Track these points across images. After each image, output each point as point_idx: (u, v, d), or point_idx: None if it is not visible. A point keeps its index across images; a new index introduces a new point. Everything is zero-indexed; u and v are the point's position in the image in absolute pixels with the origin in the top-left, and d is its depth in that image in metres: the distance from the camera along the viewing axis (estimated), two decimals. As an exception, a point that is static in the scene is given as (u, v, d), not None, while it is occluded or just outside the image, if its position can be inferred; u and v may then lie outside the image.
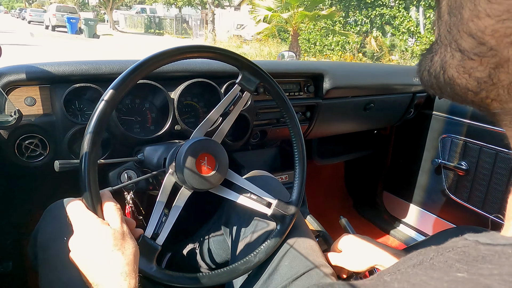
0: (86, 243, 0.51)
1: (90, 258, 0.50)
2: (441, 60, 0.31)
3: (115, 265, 0.49)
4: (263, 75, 0.75)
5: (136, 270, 0.52)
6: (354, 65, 1.44)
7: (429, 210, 1.66)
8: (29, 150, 0.83)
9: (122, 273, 0.49)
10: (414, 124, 1.67)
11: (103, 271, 0.49)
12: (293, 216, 0.75)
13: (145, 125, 0.97)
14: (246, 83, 0.75)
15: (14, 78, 0.79)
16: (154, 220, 0.64)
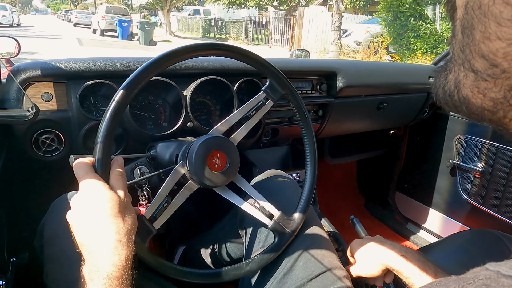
0: (89, 205, 0.51)
1: (89, 221, 0.50)
2: (455, 79, 0.30)
3: (114, 232, 0.49)
4: (289, 87, 0.76)
5: (133, 240, 0.52)
6: (368, 63, 1.42)
7: (442, 211, 1.63)
8: (45, 144, 0.85)
9: (120, 240, 0.49)
10: (428, 124, 1.65)
11: (100, 236, 0.49)
12: (293, 233, 0.73)
13: (158, 121, 0.98)
14: (272, 92, 0.75)
15: (31, 74, 0.81)
16: (156, 203, 0.64)
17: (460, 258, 0.88)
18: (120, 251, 0.49)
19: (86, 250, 0.50)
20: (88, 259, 0.49)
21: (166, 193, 0.65)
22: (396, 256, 0.70)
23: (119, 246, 0.49)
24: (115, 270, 0.48)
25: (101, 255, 0.48)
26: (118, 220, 0.51)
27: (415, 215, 1.78)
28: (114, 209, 0.51)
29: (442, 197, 1.62)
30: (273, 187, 0.86)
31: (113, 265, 0.48)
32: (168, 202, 0.65)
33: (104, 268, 0.47)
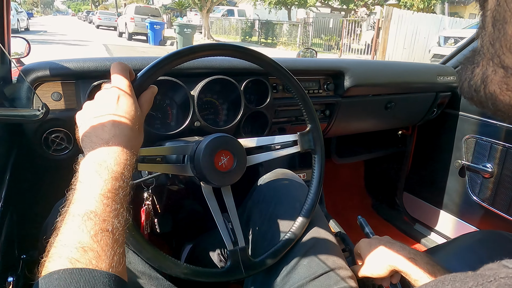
0: (110, 103, 0.54)
1: (107, 117, 0.52)
2: (482, 74, 0.28)
3: (129, 133, 0.51)
4: (320, 143, 0.78)
5: (137, 150, 0.54)
6: (375, 63, 1.41)
7: (451, 212, 1.61)
8: (55, 143, 0.86)
9: (130, 139, 0.51)
10: (437, 124, 1.63)
11: (118, 134, 0.50)
12: (243, 275, 0.68)
13: (166, 121, 0.99)
14: (304, 141, 0.78)
15: (41, 74, 0.82)
16: (151, 152, 0.64)
17: (468, 260, 0.87)
18: (129, 154, 0.50)
19: (95, 143, 0.50)
20: (95, 152, 0.49)
21: (163, 154, 0.66)
22: (404, 258, 0.70)
23: (128, 147, 0.50)
24: (123, 171, 0.48)
25: (111, 153, 0.48)
26: (134, 124, 0.53)
27: (423, 215, 1.76)
28: (132, 115, 0.53)
29: (451, 198, 1.60)
30: (280, 188, 0.85)
31: (123, 166, 0.48)
32: (161, 160, 0.65)
33: (114, 167, 0.47)
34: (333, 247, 0.76)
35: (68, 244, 0.40)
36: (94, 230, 0.42)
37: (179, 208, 1.36)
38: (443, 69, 1.49)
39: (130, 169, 0.49)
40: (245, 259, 0.68)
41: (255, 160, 0.74)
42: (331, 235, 0.78)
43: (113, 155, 0.48)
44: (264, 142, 0.76)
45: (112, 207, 0.44)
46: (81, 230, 0.41)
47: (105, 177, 0.46)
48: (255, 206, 0.84)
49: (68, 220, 0.43)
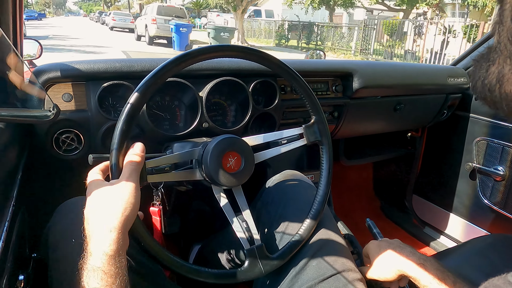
0: (87, 201, 0.55)
1: (87, 215, 0.53)
2: (498, 72, 0.27)
3: (102, 221, 0.52)
4: (327, 135, 0.77)
5: (124, 227, 0.53)
6: (384, 64, 1.40)
7: (461, 215, 1.59)
8: (65, 144, 0.87)
9: (105, 227, 0.51)
10: (447, 126, 1.61)
11: (91, 227, 0.52)
12: (262, 272, 0.68)
13: (174, 122, 0.99)
14: (309, 133, 0.77)
15: (52, 75, 0.83)
16: (160, 162, 0.65)
17: (479, 264, 0.86)
18: (103, 239, 0.51)
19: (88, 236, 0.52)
20: (90, 241, 0.51)
21: (172, 162, 0.66)
22: (414, 263, 0.69)
23: (102, 234, 0.51)
24: (97, 261, 0.49)
25: (87, 247, 0.51)
26: (107, 208, 0.53)
27: (432, 218, 1.74)
28: (105, 199, 0.54)
29: (461, 201, 1.58)
30: (289, 190, 0.85)
31: (96, 256, 0.50)
32: (169, 168, 0.65)
33: (89, 261, 0.50)
34: (342, 249, 0.75)
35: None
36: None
37: (187, 209, 1.37)
38: (453, 71, 1.47)
39: (107, 258, 0.50)
40: (263, 257, 0.69)
41: (263, 157, 0.74)
42: (340, 237, 0.78)
43: (88, 248, 0.51)
44: (271, 138, 0.76)
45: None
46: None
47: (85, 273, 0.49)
48: (264, 207, 0.84)
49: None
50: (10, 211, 0.61)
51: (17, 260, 0.66)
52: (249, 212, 0.72)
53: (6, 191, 0.63)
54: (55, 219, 0.72)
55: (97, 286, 0.48)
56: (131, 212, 0.54)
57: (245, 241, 0.69)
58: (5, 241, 0.55)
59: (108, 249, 0.50)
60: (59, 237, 0.67)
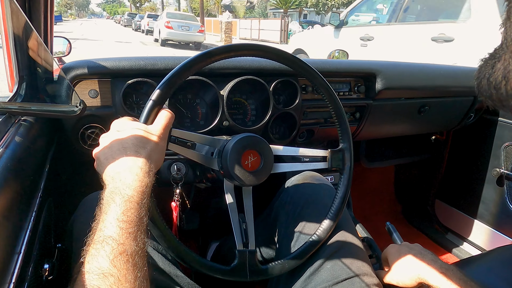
0: (114, 137, 0.55)
1: (113, 151, 0.54)
2: (504, 69, 0.26)
3: (138, 160, 0.52)
4: (350, 163, 0.76)
5: (154, 171, 0.54)
6: (410, 65, 1.37)
7: (487, 223, 1.53)
8: (90, 138, 0.90)
9: (141, 168, 0.52)
10: (474, 129, 1.56)
11: (123, 163, 0.52)
12: (247, 278, 0.67)
13: (195, 119, 1.01)
14: (333, 159, 0.76)
15: (80, 72, 0.86)
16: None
17: (506, 274, 0.82)
18: (141, 178, 0.51)
19: (109, 175, 0.52)
20: (110, 183, 0.51)
21: (195, 140, 0.67)
22: (436, 271, 0.67)
23: (140, 173, 0.51)
24: (135, 194, 0.49)
25: (122, 179, 0.50)
26: (141, 150, 0.53)
27: (456, 225, 1.69)
28: (138, 140, 0.54)
29: (487, 208, 1.52)
30: (309, 190, 0.85)
31: (134, 190, 0.50)
32: (191, 146, 0.66)
33: (125, 191, 0.49)
34: (359, 252, 0.74)
35: (89, 271, 0.42)
36: (113, 254, 0.43)
37: (205, 207, 1.38)
38: (482, 73, 1.42)
39: (142, 192, 0.50)
40: (252, 263, 0.68)
41: (280, 169, 0.73)
42: (357, 240, 0.77)
43: (124, 181, 0.50)
44: (294, 152, 0.75)
45: (128, 231, 0.46)
46: (101, 256, 0.43)
47: (118, 201, 0.48)
48: (282, 207, 0.84)
49: (89, 248, 0.46)
50: (38, 202, 0.64)
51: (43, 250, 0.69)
52: (252, 216, 0.72)
53: (34, 182, 0.65)
54: (79, 211, 0.74)
55: (131, 215, 0.48)
56: (161, 161, 0.57)
57: (239, 241, 0.69)
58: (32, 230, 0.57)
59: (145, 188, 0.51)
60: (83, 229, 0.69)
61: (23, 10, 0.78)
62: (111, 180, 0.51)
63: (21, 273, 0.50)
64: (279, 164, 0.73)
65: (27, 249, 0.53)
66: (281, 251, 0.79)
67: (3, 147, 0.57)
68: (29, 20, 0.78)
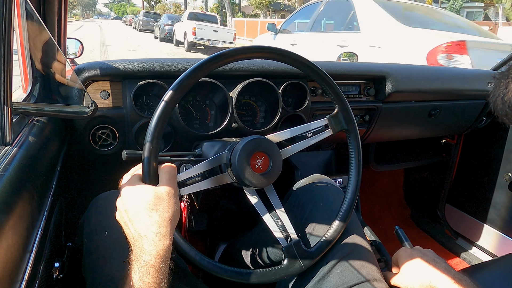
0: (126, 201, 0.55)
1: (129, 215, 0.54)
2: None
3: (151, 224, 0.52)
4: (353, 123, 0.76)
5: (171, 232, 0.54)
6: (420, 68, 1.36)
7: (498, 228, 1.51)
8: (101, 139, 0.91)
9: (156, 233, 0.52)
10: (486, 133, 1.53)
11: (139, 228, 0.52)
12: (302, 267, 0.69)
13: (205, 121, 1.01)
14: (335, 123, 0.76)
15: (92, 73, 0.87)
16: (190, 173, 0.66)
17: (517, 280, 0.81)
18: (157, 242, 0.52)
19: (131, 241, 0.54)
20: (133, 248, 0.53)
21: (201, 171, 0.67)
22: (449, 281, 0.65)
23: (156, 238, 0.52)
24: (151, 259, 0.51)
25: (140, 247, 0.52)
26: (154, 213, 0.53)
27: (466, 230, 1.66)
28: (149, 203, 0.54)
29: (498, 213, 1.50)
30: (316, 193, 0.84)
31: (150, 255, 0.51)
32: (200, 178, 0.67)
33: (142, 258, 0.51)
34: (368, 256, 0.73)
35: None
36: None
37: (214, 208, 1.39)
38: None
39: (159, 256, 0.51)
40: (301, 252, 0.70)
41: (291, 151, 0.74)
42: (367, 244, 0.76)
43: (141, 247, 0.52)
44: (296, 132, 0.75)
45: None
46: None
47: (136, 268, 0.51)
48: (290, 210, 0.84)
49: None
50: (49, 201, 0.65)
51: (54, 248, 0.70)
52: (283, 209, 0.72)
53: (46, 181, 0.66)
54: (90, 211, 0.75)
55: (149, 281, 0.50)
56: (177, 218, 0.57)
57: (282, 239, 0.70)
58: (43, 229, 0.58)
59: (162, 252, 0.52)
60: (93, 229, 0.70)
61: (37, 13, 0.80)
62: (133, 246, 0.53)
63: (33, 272, 0.51)
64: (288, 148, 0.73)
65: (38, 247, 0.54)
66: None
67: (17, 146, 0.58)
68: (43, 22, 0.79)
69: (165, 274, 0.52)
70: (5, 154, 0.54)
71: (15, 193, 0.49)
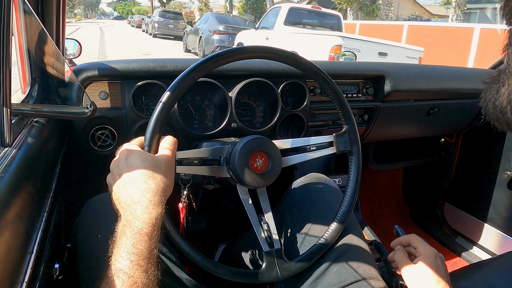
0: (123, 166, 0.55)
1: (123, 180, 0.54)
2: (508, 93, 0.27)
3: (145, 191, 0.52)
4: (357, 145, 0.76)
5: (164, 201, 0.54)
6: (419, 67, 1.36)
7: (496, 226, 1.51)
8: (100, 140, 0.91)
9: (150, 200, 0.52)
10: (484, 132, 1.54)
11: (132, 195, 0.52)
12: (279, 276, 0.68)
13: (204, 121, 1.01)
14: (340, 142, 0.76)
15: (91, 74, 0.87)
16: (190, 154, 0.66)
17: (516, 279, 0.81)
18: (150, 210, 0.52)
19: (121, 207, 0.53)
20: (122, 215, 0.52)
21: (200, 156, 0.67)
22: None
23: (150, 205, 0.52)
24: (145, 226, 0.50)
25: (132, 212, 0.51)
26: (150, 181, 0.54)
27: (465, 228, 1.67)
28: (147, 170, 0.54)
29: (497, 211, 1.50)
30: (314, 192, 0.84)
31: (144, 222, 0.50)
32: (198, 162, 0.67)
33: (135, 224, 0.50)
34: (366, 255, 0.73)
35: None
36: (124, 287, 0.45)
37: (214, 208, 1.39)
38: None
39: (152, 224, 0.51)
40: (280, 262, 0.68)
41: (290, 162, 0.73)
42: (364, 243, 0.76)
43: (134, 213, 0.51)
44: (300, 143, 0.75)
45: (138, 263, 0.48)
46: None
47: (128, 234, 0.49)
48: (287, 209, 0.84)
49: (101, 282, 0.48)
50: (49, 202, 0.65)
51: (54, 249, 0.70)
52: (271, 214, 0.72)
53: (46, 182, 0.66)
54: (83, 214, 0.74)
55: (142, 248, 0.49)
56: (171, 189, 0.57)
57: (264, 243, 0.69)
58: (43, 230, 0.58)
59: (155, 219, 0.52)
60: (86, 232, 0.70)
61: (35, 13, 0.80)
62: (123, 212, 0.53)
63: (33, 273, 0.51)
64: (289, 157, 0.73)
65: (39, 248, 0.54)
66: (287, 253, 0.79)
67: (16, 148, 0.58)
68: (41, 23, 0.79)
69: (157, 242, 0.51)
70: (4, 156, 0.54)
71: (14, 194, 0.49)
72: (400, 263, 0.75)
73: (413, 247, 0.77)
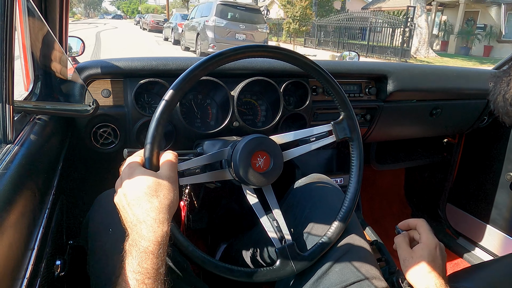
0: (126, 186, 0.55)
1: (128, 200, 0.54)
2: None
3: (149, 210, 0.52)
4: (357, 131, 0.76)
5: (170, 218, 0.54)
6: (421, 67, 1.35)
7: (499, 228, 1.51)
8: (102, 137, 0.91)
9: (155, 219, 0.52)
10: (487, 132, 1.53)
11: (137, 214, 0.52)
12: (294, 270, 0.68)
13: (206, 120, 1.01)
14: (338, 130, 0.76)
15: (93, 72, 0.87)
16: (191, 164, 0.66)
17: (518, 280, 0.81)
18: (156, 228, 0.52)
19: (128, 226, 0.54)
20: (129, 234, 0.53)
21: (202, 163, 0.67)
22: None
23: (155, 224, 0.52)
24: (150, 245, 0.51)
25: (138, 232, 0.52)
26: (154, 199, 0.54)
27: (467, 229, 1.66)
28: (150, 189, 0.54)
29: (500, 213, 1.49)
30: (315, 192, 0.84)
31: (149, 241, 0.51)
32: (200, 170, 0.67)
33: (141, 243, 0.51)
34: (368, 255, 0.73)
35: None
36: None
37: (215, 206, 1.39)
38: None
39: (157, 242, 0.51)
40: (294, 255, 0.69)
41: (292, 155, 0.74)
42: (366, 243, 0.76)
43: (140, 233, 0.52)
44: (300, 135, 0.75)
45: (144, 281, 0.49)
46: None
47: (134, 254, 0.50)
48: (289, 209, 0.84)
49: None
50: (51, 199, 0.65)
51: (55, 246, 0.70)
52: (279, 211, 0.72)
53: (48, 180, 0.66)
54: (94, 209, 0.75)
55: (148, 267, 0.50)
56: (176, 205, 0.57)
57: (276, 240, 0.70)
58: (45, 227, 0.58)
59: (160, 238, 0.52)
60: (98, 227, 0.71)
61: (39, 11, 0.80)
62: (130, 231, 0.53)
63: (34, 269, 0.51)
64: (290, 151, 0.73)
65: (40, 245, 0.54)
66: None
67: (18, 144, 0.58)
68: (44, 20, 0.79)
69: (163, 260, 0.52)
70: (6, 152, 0.54)
71: (16, 191, 0.49)
72: (398, 247, 0.76)
73: (418, 233, 0.76)
